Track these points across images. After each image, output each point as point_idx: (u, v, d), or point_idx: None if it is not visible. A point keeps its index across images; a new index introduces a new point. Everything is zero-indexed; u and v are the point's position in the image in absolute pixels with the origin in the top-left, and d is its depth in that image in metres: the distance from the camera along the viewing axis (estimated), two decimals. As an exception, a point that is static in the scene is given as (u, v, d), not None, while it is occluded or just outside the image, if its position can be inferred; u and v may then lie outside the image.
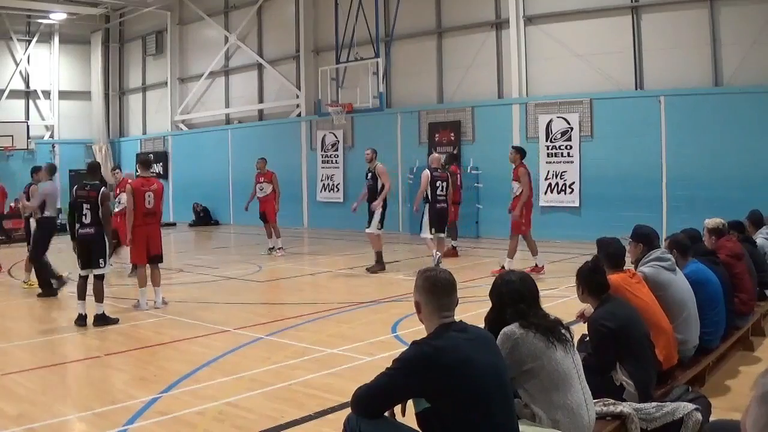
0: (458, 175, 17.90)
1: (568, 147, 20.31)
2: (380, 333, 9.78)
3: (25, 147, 31.49)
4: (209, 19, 30.60)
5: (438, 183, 15.78)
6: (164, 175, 32.41)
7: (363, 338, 9.47)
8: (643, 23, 19.24)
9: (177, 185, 31.81)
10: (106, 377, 7.96)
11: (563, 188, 20.42)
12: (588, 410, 4.49)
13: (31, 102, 33.26)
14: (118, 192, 15.23)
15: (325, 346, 9.10)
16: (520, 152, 15.21)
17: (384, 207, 15.60)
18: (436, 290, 4.01)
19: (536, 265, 14.57)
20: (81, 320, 10.57)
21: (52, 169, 14.49)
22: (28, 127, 31.99)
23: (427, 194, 15.67)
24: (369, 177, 16.17)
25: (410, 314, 10.11)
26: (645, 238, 6.93)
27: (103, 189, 10.81)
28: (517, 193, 14.90)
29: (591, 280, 5.59)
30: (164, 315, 11.29)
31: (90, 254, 10.77)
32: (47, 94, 33.51)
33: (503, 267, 13.58)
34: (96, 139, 34.37)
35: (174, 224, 29.82)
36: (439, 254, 15.50)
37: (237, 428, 6.20)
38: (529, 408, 4.41)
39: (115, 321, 10.74)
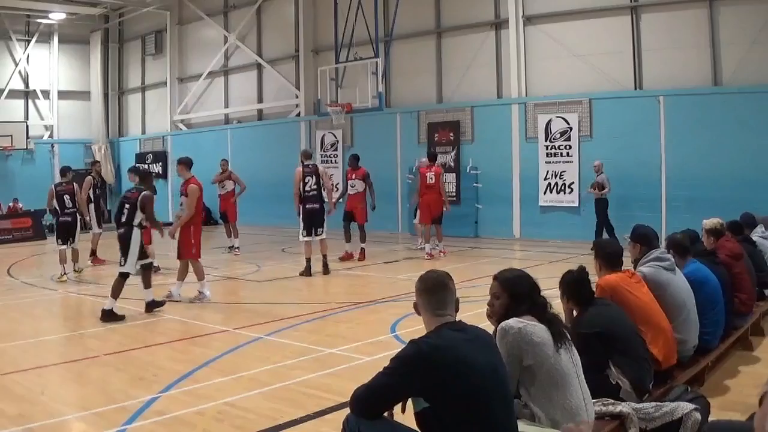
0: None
1: (568, 147, 20.33)
2: (379, 333, 9.77)
3: (25, 147, 31.52)
4: (208, 19, 30.62)
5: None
6: (163, 175, 32.42)
7: (362, 338, 9.47)
8: (643, 23, 19.26)
9: (176, 185, 31.65)
10: (104, 377, 7.93)
11: (562, 188, 20.45)
12: (587, 410, 4.48)
13: (30, 102, 33.27)
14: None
15: (323, 346, 9.10)
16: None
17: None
18: (428, 288, 4.12)
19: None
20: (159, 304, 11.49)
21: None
22: (27, 126, 32.01)
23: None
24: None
25: (409, 314, 10.09)
26: (644, 239, 6.92)
27: (144, 193, 11.46)
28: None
29: (575, 292, 5.61)
30: (163, 315, 11.28)
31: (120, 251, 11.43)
32: (46, 93, 33.52)
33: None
34: (95, 138, 34.39)
35: (172, 224, 29.76)
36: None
37: (236, 428, 6.19)
38: (529, 408, 4.41)
39: (122, 317, 10.92)
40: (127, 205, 11.40)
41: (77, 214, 15.92)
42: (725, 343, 7.51)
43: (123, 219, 11.36)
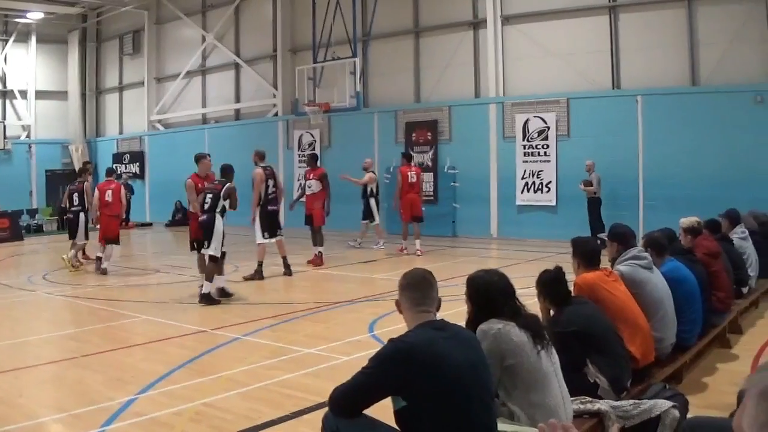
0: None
1: (545, 146, 20.39)
2: (357, 332, 9.75)
3: (2, 147, 31.28)
4: (186, 19, 30.49)
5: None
6: (141, 175, 32.30)
7: (340, 338, 9.45)
8: (621, 23, 19.36)
9: (153, 185, 31.66)
10: (82, 378, 7.87)
11: (540, 187, 20.50)
12: (566, 409, 4.50)
13: (7, 102, 33.03)
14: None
15: (301, 345, 9.07)
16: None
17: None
18: (410, 285, 4.16)
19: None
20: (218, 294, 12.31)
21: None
22: (4, 126, 31.78)
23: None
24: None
25: (387, 314, 10.14)
26: (621, 237, 6.95)
27: (228, 185, 12.56)
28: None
29: (553, 291, 5.62)
30: (140, 315, 11.21)
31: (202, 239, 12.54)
32: (24, 93, 33.27)
33: None
34: (72, 139, 34.14)
35: (150, 224, 29.64)
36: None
37: (214, 428, 6.16)
38: (507, 406, 4.41)
39: (230, 294, 12.54)
40: (210, 195, 12.45)
41: (80, 213, 17.23)
42: (703, 341, 7.56)
43: (206, 207, 12.39)
